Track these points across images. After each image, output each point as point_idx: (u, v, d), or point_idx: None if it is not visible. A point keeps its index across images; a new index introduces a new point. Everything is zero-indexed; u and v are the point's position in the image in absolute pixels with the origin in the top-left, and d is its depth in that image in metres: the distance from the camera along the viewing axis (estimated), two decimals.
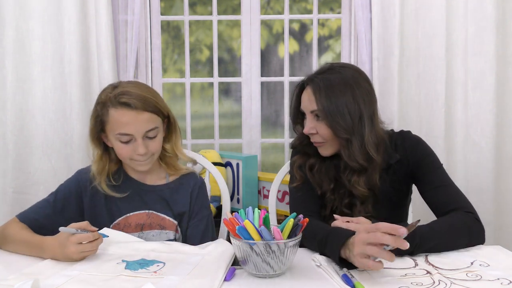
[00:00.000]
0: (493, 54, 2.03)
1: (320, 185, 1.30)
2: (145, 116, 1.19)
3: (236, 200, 2.11)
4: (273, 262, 0.95)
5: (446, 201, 1.22)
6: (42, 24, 2.00)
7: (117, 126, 1.19)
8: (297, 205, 1.30)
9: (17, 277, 0.96)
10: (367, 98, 1.24)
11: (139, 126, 1.19)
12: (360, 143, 1.22)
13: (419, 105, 2.08)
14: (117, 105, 1.18)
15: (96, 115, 1.23)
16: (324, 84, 1.23)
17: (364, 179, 1.24)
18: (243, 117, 2.29)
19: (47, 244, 1.08)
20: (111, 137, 1.22)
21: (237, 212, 1.01)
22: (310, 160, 1.33)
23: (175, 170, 1.34)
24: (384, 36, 2.05)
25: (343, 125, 1.21)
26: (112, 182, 1.28)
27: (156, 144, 1.24)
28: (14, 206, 2.01)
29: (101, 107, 1.21)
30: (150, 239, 1.28)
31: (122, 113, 1.18)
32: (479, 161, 2.07)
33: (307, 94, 1.27)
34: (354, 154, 1.22)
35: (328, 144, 1.27)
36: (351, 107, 1.21)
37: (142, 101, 1.18)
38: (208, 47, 2.47)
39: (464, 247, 1.11)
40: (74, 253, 1.03)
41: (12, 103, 2.01)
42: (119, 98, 1.18)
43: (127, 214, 1.28)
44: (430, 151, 1.31)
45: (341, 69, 1.26)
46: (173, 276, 0.96)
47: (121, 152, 1.23)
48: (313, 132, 1.26)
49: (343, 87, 1.22)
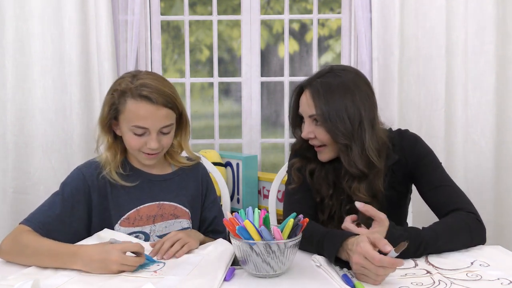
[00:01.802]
0: (493, 54, 2.03)
1: (319, 191, 1.27)
2: (164, 112, 1.18)
3: (236, 200, 2.11)
4: (273, 262, 0.95)
5: (446, 201, 1.21)
6: (42, 24, 2.00)
7: (134, 118, 1.17)
8: (293, 208, 1.28)
9: (17, 277, 0.96)
10: (368, 102, 1.20)
11: (156, 121, 1.18)
12: (360, 149, 1.18)
13: (419, 105, 2.08)
14: (137, 97, 1.16)
15: (111, 102, 1.20)
16: (323, 88, 1.19)
17: (365, 186, 1.20)
18: (243, 117, 2.29)
19: (83, 251, 1.00)
20: (124, 127, 1.20)
21: (237, 212, 1.01)
22: (310, 165, 1.29)
23: (179, 163, 1.35)
24: (384, 36, 2.05)
25: (343, 130, 1.17)
26: (121, 171, 1.25)
27: (168, 140, 1.23)
28: (14, 206, 2.02)
29: (118, 95, 1.19)
30: (163, 231, 1.26)
31: (141, 106, 1.16)
32: (479, 161, 2.07)
33: (306, 98, 1.23)
34: (354, 160, 1.18)
35: (327, 149, 1.24)
36: (350, 112, 1.17)
37: (163, 97, 1.17)
38: (208, 47, 2.47)
39: (465, 248, 1.12)
40: (116, 261, 0.96)
41: (12, 103, 2.01)
42: (140, 90, 1.16)
43: (137, 207, 1.25)
44: (428, 150, 1.29)
45: (341, 72, 1.22)
46: (173, 276, 0.96)
47: (131, 143, 1.21)
48: (311, 136, 1.23)
49: (343, 91, 1.18)
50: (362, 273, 0.92)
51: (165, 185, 1.30)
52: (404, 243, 0.90)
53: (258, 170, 2.20)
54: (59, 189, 1.22)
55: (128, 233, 1.22)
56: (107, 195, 1.24)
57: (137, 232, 1.25)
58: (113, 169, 1.23)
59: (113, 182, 1.23)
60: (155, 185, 1.29)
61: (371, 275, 0.91)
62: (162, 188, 1.29)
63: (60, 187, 1.23)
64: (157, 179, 1.30)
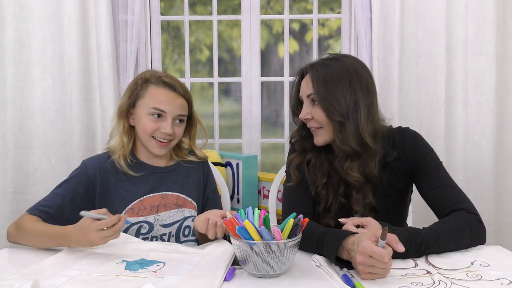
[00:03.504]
0: (493, 54, 2.03)
1: (314, 181, 1.29)
2: (181, 101, 1.30)
3: (236, 200, 2.11)
4: (273, 262, 0.95)
5: (447, 201, 1.21)
6: (42, 24, 2.01)
7: (154, 101, 1.27)
8: (291, 205, 1.29)
9: (17, 277, 0.96)
10: (365, 87, 1.23)
11: (174, 107, 1.28)
12: (354, 128, 1.20)
13: (419, 105, 2.08)
14: (159, 83, 1.28)
15: (134, 88, 1.30)
16: (323, 69, 1.23)
17: (357, 165, 1.22)
18: (243, 117, 2.29)
19: (70, 233, 1.10)
20: (142, 111, 1.28)
21: (237, 212, 1.01)
22: (307, 155, 1.32)
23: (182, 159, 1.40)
24: (384, 36, 2.05)
25: (338, 109, 1.20)
26: (128, 160, 1.30)
27: (179, 131, 1.32)
28: (14, 206, 2.01)
29: (142, 82, 1.29)
30: (167, 220, 1.31)
31: (162, 91, 1.28)
32: (479, 161, 2.07)
33: (306, 80, 1.27)
34: (347, 138, 1.20)
35: (323, 131, 1.25)
36: (346, 93, 1.20)
37: (182, 88, 1.31)
38: (208, 47, 2.47)
39: (466, 248, 1.12)
40: (98, 239, 1.05)
41: (12, 103, 2.01)
42: (163, 78, 1.29)
43: (141, 198, 1.30)
44: (429, 148, 1.30)
45: (342, 57, 1.27)
46: (173, 276, 0.96)
47: (147, 126, 1.27)
48: (308, 117, 1.25)
49: (342, 73, 1.22)
50: (369, 271, 0.93)
51: (168, 176, 1.35)
52: (386, 228, 0.92)
53: (258, 170, 2.20)
54: (63, 181, 1.30)
55: (133, 223, 1.27)
56: (110, 188, 1.29)
57: (141, 222, 1.28)
58: (121, 156, 1.29)
59: (117, 175, 1.29)
60: (158, 177, 1.34)
61: (379, 271, 0.93)
62: (165, 179, 1.34)
63: (65, 179, 1.30)
64: (161, 171, 1.35)
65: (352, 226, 1.09)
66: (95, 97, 2.05)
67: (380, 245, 0.92)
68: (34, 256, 1.12)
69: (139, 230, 1.28)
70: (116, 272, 0.98)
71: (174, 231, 1.32)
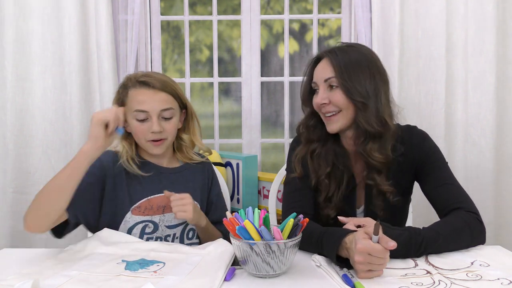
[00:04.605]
0: (493, 54, 2.03)
1: (317, 170, 1.28)
2: (162, 95, 1.26)
3: (236, 200, 2.11)
4: (273, 262, 0.95)
5: (449, 199, 1.21)
6: (42, 24, 2.01)
7: (134, 104, 1.26)
8: (291, 205, 1.28)
9: (17, 277, 0.96)
10: (382, 76, 1.24)
11: (154, 104, 1.25)
12: (375, 110, 1.20)
13: (419, 105, 2.08)
14: (136, 84, 1.27)
15: (117, 97, 1.30)
16: (341, 55, 1.23)
17: (378, 146, 1.22)
18: (243, 117, 2.29)
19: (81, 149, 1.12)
20: (130, 118, 1.27)
21: (237, 212, 1.01)
22: (312, 145, 1.31)
23: (187, 158, 1.39)
24: (384, 36, 2.05)
25: (360, 90, 1.19)
26: (136, 161, 1.31)
27: (170, 126, 1.29)
28: (14, 206, 2.01)
29: (122, 89, 1.29)
30: (171, 221, 1.31)
31: (140, 92, 1.26)
32: (479, 161, 2.07)
33: (322, 65, 1.25)
34: (370, 119, 1.20)
35: (340, 116, 1.23)
36: (367, 77, 1.20)
37: (160, 82, 1.27)
38: (208, 47, 2.47)
39: (466, 248, 1.12)
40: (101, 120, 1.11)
41: (12, 103, 2.01)
42: (139, 78, 1.27)
43: (149, 197, 1.30)
44: (436, 148, 1.30)
45: (357, 45, 1.28)
46: (173, 276, 0.96)
47: (137, 132, 1.27)
48: (325, 102, 1.23)
49: (360, 59, 1.22)
50: (367, 269, 0.94)
51: (175, 177, 1.36)
52: (377, 223, 0.94)
53: (258, 170, 2.20)
54: None
55: (138, 222, 1.27)
56: (122, 183, 1.29)
57: (146, 221, 1.28)
58: (129, 157, 1.29)
59: (128, 172, 1.29)
60: (165, 178, 1.34)
61: (376, 267, 0.94)
62: (172, 181, 1.34)
63: None
64: (167, 172, 1.35)
65: (352, 226, 1.09)
66: (95, 97, 2.05)
67: (374, 240, 0.94)
68: (34, 256, 1.12)
69: (144, 230, 1.28)
70: (116, 272, 0.99)
71: (179, 233, 1.32)
